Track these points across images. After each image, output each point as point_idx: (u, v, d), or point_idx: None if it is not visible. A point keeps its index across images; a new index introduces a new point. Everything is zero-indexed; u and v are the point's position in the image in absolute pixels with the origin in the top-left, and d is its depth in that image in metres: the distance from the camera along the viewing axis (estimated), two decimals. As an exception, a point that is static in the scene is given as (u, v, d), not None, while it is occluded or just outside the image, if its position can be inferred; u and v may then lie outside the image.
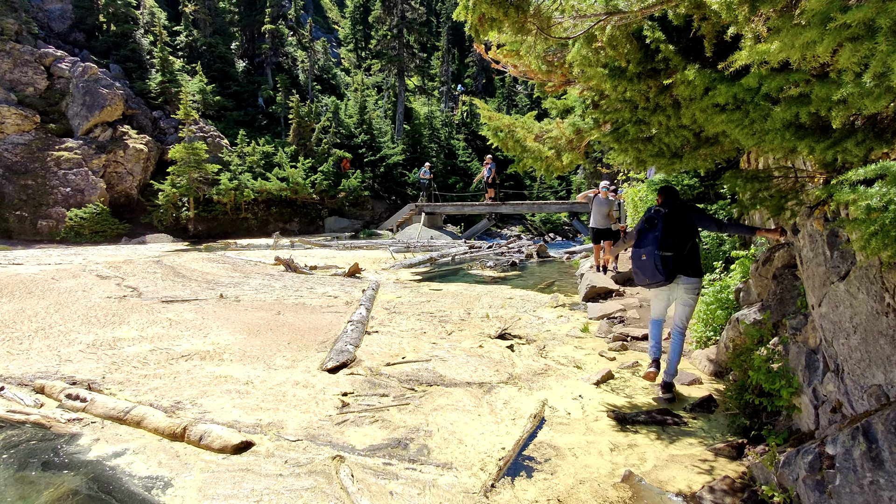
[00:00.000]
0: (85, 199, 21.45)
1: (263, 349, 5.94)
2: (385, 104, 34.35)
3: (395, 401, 4.53)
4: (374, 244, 19.07)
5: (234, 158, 25.01)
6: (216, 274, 11.77)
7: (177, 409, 4.30)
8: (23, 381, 4.99)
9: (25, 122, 22.11)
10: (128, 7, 28.95)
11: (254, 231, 24.32)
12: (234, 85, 30.69)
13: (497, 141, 4.31)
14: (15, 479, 3.40)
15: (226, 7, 34.00)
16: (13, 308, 8.05)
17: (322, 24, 46.79)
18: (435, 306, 8.21)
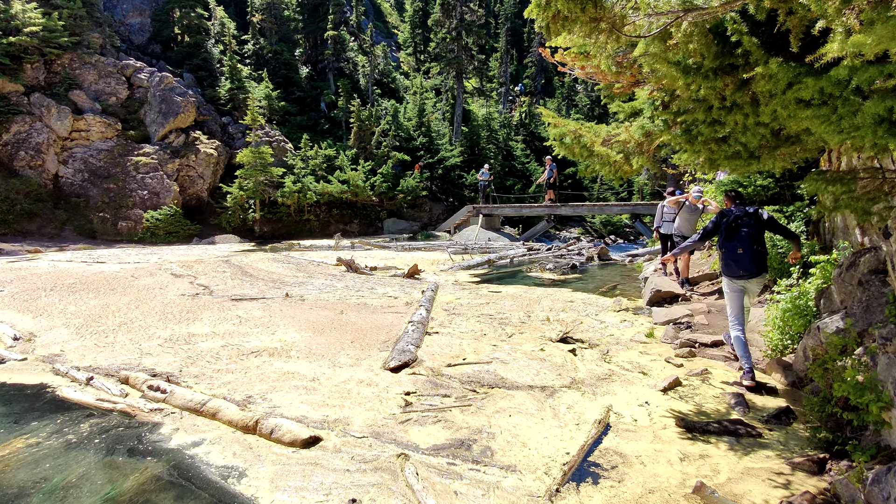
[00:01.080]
0: (160, 202, 22.68)
1: (328, 347, 6.10)
2: (443, 106, 34.58)
3: (457, 402, 4.56)
4: (432, 246, 19.23)
5: (297, 162, 25.83)
6: (281, 273, 12.17)
7: (248, 403, 4.48)
8: (109, 371, 5.34)
9: (108, 129, 23.62)
10: (200, 19, 30.45)
11: (316, 232, 25.00)
12: (298, 90, 31.68)
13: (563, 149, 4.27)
14: (104, 464, 3.63)
15: (290, 15, 35.15)
16: (99, 303, 8.60)
17: (382, 28, 47.63)
18: (494, 308, 8.20)
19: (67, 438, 3.97)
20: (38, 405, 4.63)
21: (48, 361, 5.73)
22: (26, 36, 22.37)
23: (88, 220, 22.13)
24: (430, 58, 37.71)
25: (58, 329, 7.12)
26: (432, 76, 37.66)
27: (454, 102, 32.96)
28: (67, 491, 3.32)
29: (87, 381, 4.97)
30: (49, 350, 6.15)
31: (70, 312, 8.03)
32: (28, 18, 22.84)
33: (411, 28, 42.27)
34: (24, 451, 3.79)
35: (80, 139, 23.18)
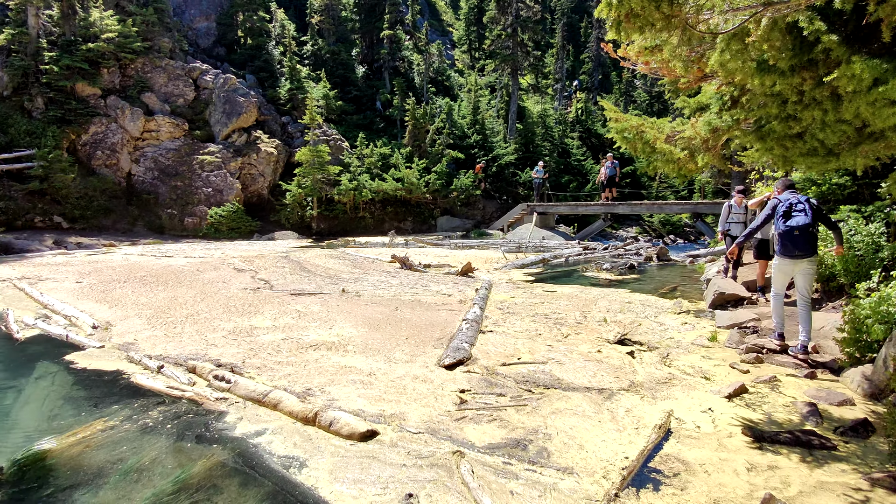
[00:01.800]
0: (223, 199, 23.60)
1: (383, 343, 6.19)
2: (498, 104, 34.42)
3: (512, 401, 4.54)
4: (486, 244, 19.20)
5: (353, 160, 26.32)
6: (338, 270, 12.44)
7: (308, 395, 4.60)
8: (178, 360, 5.60)
9: (176, 129, 24.76)
10: (262, 21, 31.47)
11: (370, 229, 25.42)
12: (355, 90, 32.26)
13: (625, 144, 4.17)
14: (174, 449, 3.81)
15: (348, 16, 35.81)
16: (168, 296, 9.03)
17: (437, 27, 47.84)
18: (549, 308, 8.11)
19: (141, 423, 4.19)
20: (114, 390, 4.92)
21: (123, 349, 6.07)
22: (104, 42, 23.71)
23: (157, 216, 23.28)
24: (484, 55, 37.60)
25: (131, 319, 7.53)
26: (487, 73, 37.56)
27: (509, 99, 32.76)
28: (141, 473, 3.51)
29: (158, 370, 5.24)
30: (124, 339, 6.52)
31: (142, 304, 8.48)
32: (105, 25, 24.21)
33: (466, 25, 42.25)
34: (102, 433, 4.03)
35: (150, 139, 24.41)
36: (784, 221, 5.32)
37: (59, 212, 20.97)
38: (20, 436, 4.10)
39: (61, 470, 3.57)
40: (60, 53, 22.73)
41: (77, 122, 22.81)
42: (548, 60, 41.26)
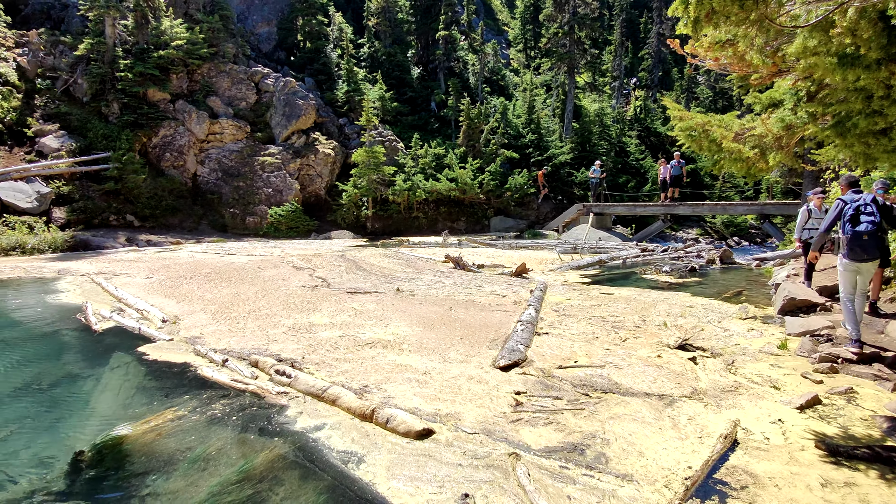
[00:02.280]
0: (283, 199, 24.33)
1: (438, 342, 6.21)
2: (553, 103, 33.98)
3: (568, 405, 4.46)
4: (540, 244, 18.99)
5: (408, 161, 26.58)
6: (392, 269, 12.59)
7: (365, 392, 4.67)
8: (241, 355, 5.80)
9: (239, 132, 25.70)
10: (321, 25, 32.26)
11: (424, 229, 25.60)
12: (410, 91, 32.59)
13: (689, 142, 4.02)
14: (238, 440, 3.95)
15: (404, 17, 36.22)
16: (231, 292, 9.38)
17: (492, 26, 47.68)
18: (606, 311, 7.93)
19: (208, 414, 4.37)
20: (183, 382, 5.14)
21: (190, 343, 6.34)
22: (173, 49, 24.90)
23: (221, 215, 24.24)
24: (540, 54, 37.23)
25: (197, 314, 7.85)
26: (542, 72, 37.17)
27: (565, 98, 32.30)
28: (208, 462, 3.65)
29: (222, 363, 5.44)
30: (191, 332, 6.81)
31: (207, 299, 8.83)
32: (175, 33, 25.42)
33: (522, 24, 41.96)
34: (172, 422, 4.22)
35: (215, 141, 25.43)
36: (852, 226, 5.21)
37: (132, 211, 22.15)
38: (99, 421, 4.35)
39: (136, 455, 3.76)
40: (134, 61, 24.02)
41: (148, 125, 24.04)
42: (605, 58, 40.43)
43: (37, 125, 22.67)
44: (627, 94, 40.59)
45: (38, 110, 23.37)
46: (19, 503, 3.26)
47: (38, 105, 23.52)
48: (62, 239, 17.50)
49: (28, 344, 6.70)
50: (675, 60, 43.14)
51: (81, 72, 24.31)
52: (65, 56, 24.79)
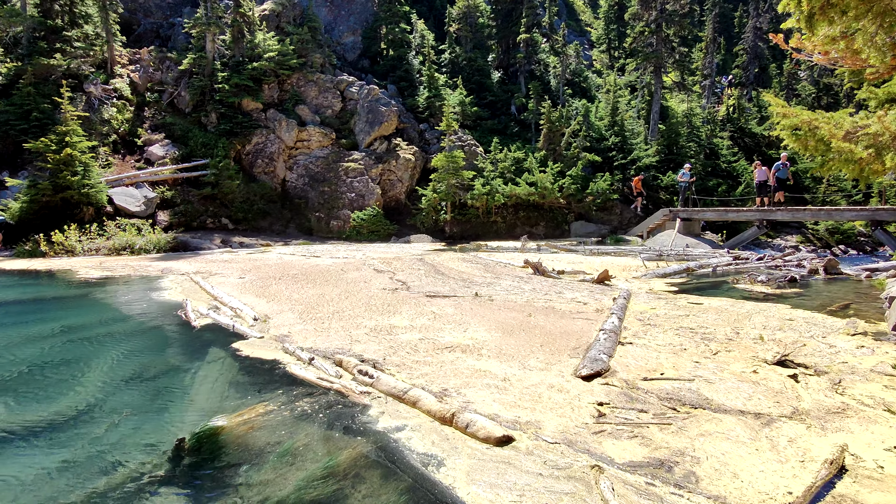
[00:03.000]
0: (365, 203, 25.05)
1: (517, 349, 6.15)
2: (638, 104, 32.88)
3: (654, 418, 4.27)
4: (623, 251, 18.40)
5: (487, 165, 26.59)
6: (470, 273, 12.61)
7: (444, 396, 4.69)
8: (326, 354, 6.00)
9: (325, 139, 26.74)
10: (403, 33, 32.99)
11: (502, 234, 25.50)
12: (490, 95, 32.62)
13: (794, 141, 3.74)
14: (323, 437, 4.08)
15: (485, 22, 36.35)
16: (316, 293, 9.74)
17: (575, 27, 46.89)
18: (695, 321, 7.55)
19: (296, 409, 4.55)
20: (273, 378, 5.39)
21: (279, 340, 6.64)
22: (265, 61, 26.32)
23: (307, 218, 25.29)
24: (625, 54, 36.19)
25: (285, 313, 8.21)
26: (627, 73, 36.08)
27: (650, 99, 31.15)
28: (295, 456, 3.79)
29: (309, 361, 5.65)
30: (280, 331, 7.13)
31: (294, 299, 9.22)
32: (267, 46, 26.87)
33: (605, 24, 40.97)
34: (263, 416, 4.43)
35: (302, 148, 26.60)
36: None
37: (226, 214, 23.57)
38: (197, 412, 4.64)
39: (230, 446, 3.97)
40: (231, 73, 25.59)
41: (242, 134, 25.53)
42: (695, 55, 38.65)
43: (146, 135, 24.66)
44: (720, 92, 38.58)
45: (147, 121, 25.43)
46: (128, 483, 3.53)
47: (147, 116, 25.59)
48: (165, 240, 18.90)
49: (136, 337, 7.28)
50: (773, 56, 40.49)
51: (185, 85, 26.21)
52: (170, 71, 26.83)
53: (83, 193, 18.98)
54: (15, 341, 7.01)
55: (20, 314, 8.97)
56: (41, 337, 7.27)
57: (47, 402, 4.92)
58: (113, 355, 6.37)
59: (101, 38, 25.62)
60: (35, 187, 18.58)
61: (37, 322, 8.22)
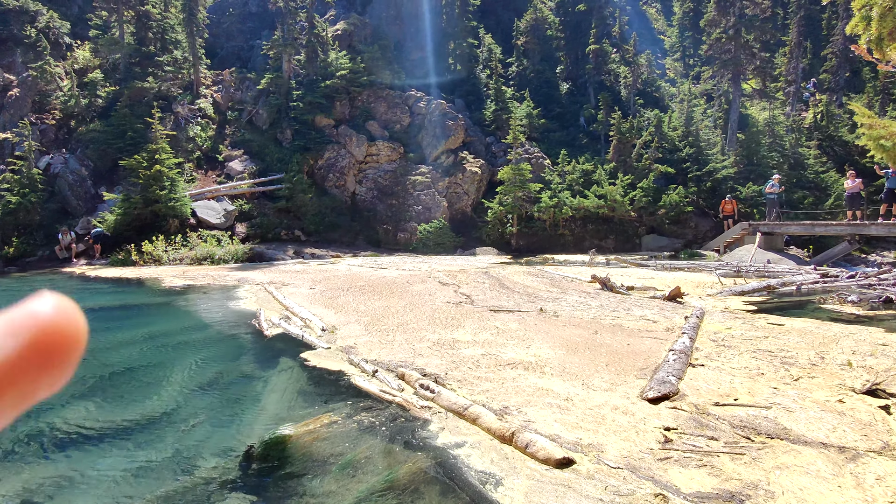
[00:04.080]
0: (431, 216, 25.35)
1: (581, 367, 6.01)
2: (715, 113, 31.58)
3: (726, 447, 4.05)
4: (697, 266, 17.64)
5: (554, 177, 26.30)
6: (535, 287, 12.47)
7: (505, 414, 4.65)
8: (389, 366, 6.09)
9: (393, 153, 27.34)
10: (471, 48, 33.32)
11: (570, 247, 25.07)
12: (558, 107, 32.33)
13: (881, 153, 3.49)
14: (384, 450, 4.14)
15: (553, 34, 36.14)
16: (381, 305, 9.92)
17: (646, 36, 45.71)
18: (775, 344, 7.11)
19: (359, 421, 4.64)
20: (338, 389, 5.53)
21: (345, 352, 6.81)
22: (337, 79, 27.30)
23: (375, 231, 25.88)
24: (700, 61, 34.96)
25: (352, 324, 8.42)
26: (703, 81, 34.78)
27: (728, 108, 29.87)
28: (357, 468, 3.87)
29: (373, 374, 5.76)
30: (346, 342, 7.31)
31: (360, 311, 9.44)
32: (339, 64, 27.87)
33: (679, 31, 39.76)
34: (328, 426, 4.55)
35: (371, 162, 27.30)
36: None
37: (299, 226, 24.49)
38: (267, 420, 4.83)
39: (296, 455, 4.11)
40: (305, 91, 26.73)
41: (315, 149, 26.52)
42: (778, 61, 36.71)
43: (226, 151, 26.12)
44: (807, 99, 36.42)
45: (228, 138, 26.95)
46: (201, 486, 3.72)
47: (228, 133, 27.13)
48: (242, 251, 19.86)
49: (213, 345, 7.67)
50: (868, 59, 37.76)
51: (262, 103, 27.58)
52: (249, 90, 28.34)
53: (170, 207, 20.30)
54: (107, 346, 7.56)
55: (113, 319, 9.67)
56: (129, 342, 7.80)
57: (133, 405, 5.26)
58: (192, 362, 6.75)
59: (188, 61, 27.47)
60: (128, 201, 20.05)
61: (126, 328, 8.84)
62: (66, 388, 4.96)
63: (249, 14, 35.48)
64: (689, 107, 28.84)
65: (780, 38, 37.26)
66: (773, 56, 34.97)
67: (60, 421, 4.82)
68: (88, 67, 27.15)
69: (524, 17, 35.85)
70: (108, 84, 26.08)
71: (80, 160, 23.72)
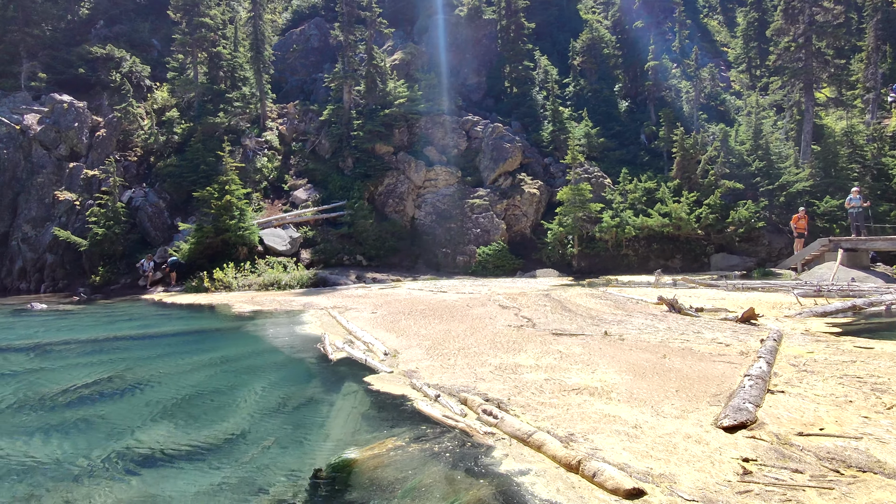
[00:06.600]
0: (490, 239, 25.32)
1: (650, 393, 5.78)
2: (786, 124, 30.18)
3: (812, 480, 3.77)
4: (772, 286, 16.72)
5: (615, 196, 25.78)
6: (599, 310, 12.17)
7: (570, 441, 4.51)
8: (451, 391, 6.06)
9: (451, 177, 27.61)
10: (527, 70, 33.46)
11: (633, 268, 24.37)
12: (617, 125, 31.82)
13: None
14: (447, 476, 4.10)
15: (610, 52, 35.76)
16: (442, 329, 9.93)
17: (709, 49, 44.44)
18: (864, 369, 6.61)
19: (422, 447, 4.63)
20: (401, 413, 5.55)
21: (407, 376, 6.84)
22: (396, 107, 28.02)
23: (434, 254, 26.08)
24: (767, 72, 33.62)
25: (413, 349, 8.46)
26: (771, 92, 33.38)
27: (801, 119, 28.48)
28: (420, 494, 3.84)
29: (435, 398, 5.74)
30: (408, 366, 7.35)
31: (421, 335, 9.48)
32: (398, 93, 28.59)
33: (744, 42, 38.44)
34: (392, 451, 4.56)
35: (430, 187, 27.66)
36: None
37: (360, 251, 25.02)
38: (332, 443, 4.91)
39: (361, 479, 4.13)
40: (365, 120, 27.54)
41: (375, 176, 27.18)
42: (854, 67, 34.80)
43: (291, 180, 27.17)
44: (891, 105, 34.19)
45: (292, 168, 28.07)
46: (270, 508, 3.81)
47: (293, 164, 28.27)
48: (307, 276, 20.47)
49: (281, 369, 7.90)
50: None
51: (324, 133, 28.63)
52: (312, 121, 29.51)
53: (239, 235, 21.25)
54: (181, 370, 7.92)
55: (187, 344, 10.15)
56: (202, 366, 8.15)
57: (206, 427, 5.47)
58: (260, 385, 6.96)
59: (255, 97, 28.95)
60: (200, 230, 21.14)
61: (199, 352, 9.24)
62: (146, 410, 5.22)
63: (312, 49, 37.08)
64: (758, 119, 27.67)
65: (855, 44, 35.36)
66: (848, 62, 33.19)
67: (141, 441, 5.06)
68: (166, 107, 29.11)
69: (580, 37, 35.70)
70: (183, 121, 27.83)
71: (158, 193, 25.33)
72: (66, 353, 9.39)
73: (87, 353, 9.37)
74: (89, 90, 28.55)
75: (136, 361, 8.48)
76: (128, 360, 8.54)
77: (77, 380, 7.27)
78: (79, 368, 8.04)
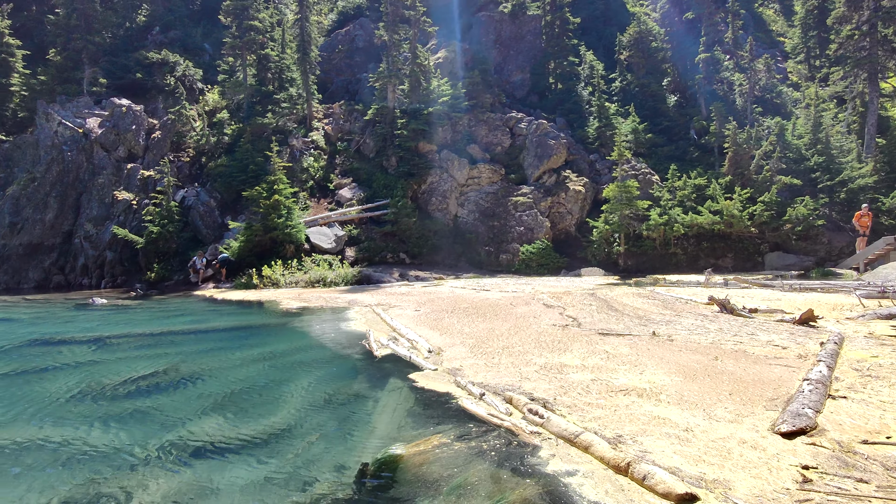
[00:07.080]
0: (533, 237, 25.08)
1: (701, 396, 5.59)
2: (848, 117, 28.74)
3: (879, 491, 3.57)
4: (832, 286, 15.94)
5: (664, 193, 25.13)
6: (646, 310, 11.87)
7: (618, 443, 4.41)
8: (496, 390, 6.02)
9: (494, 175, 27.49)
10: (572, 66, 32.98)
11: (682, 266, 23.70)
12: (665, 120, 30.99)
13: None
14: (492, 475, 4.07)
15: (658, 46, 34.84)
16: (486, 327, 9.89)
17: (764, 39, 42.74)
18: (934, 374, 6.22)
19: (467, 444, 4.62)
20: (446, 411, 5.56)
21: (451, 374, 6.84)
22: (439, 106, 28.04)
23: (477, 252, 26.01)
24: (828, 62, 32.10)
25: (457, 347, 8.46)
26: (832, 83, 31.85)
27: (864, 110, 27.08)
28: (466, 492, 3.83)
29: (480, 396, 5.72)
30: (452, 364, 7.35)
31: (465, 333, 9.46)
32: (441, 91, 28.63)
33: (802, 31, 36.79)
34: (437, 448, 4.57)
35: (473, 185, 27.60)
36: None
37: (404, 249, 25.19)
38: (378, 439, 4.96)
39: (407, 475, 4.16)
40: (408, 119, 27.69)
41: (418, 174, 27.30)
42: (922, 55, 32.85)
43: (336, 179, 27.60)
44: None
45: (338, 167, 28.50)
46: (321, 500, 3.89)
47: (338, 163, 28.70)
48: (351, 274, 20.76)
49: (327, 365, 8.03)
50: None
51: (369, 133, 28.94)
52: (357, 121, 29.89)
53: (286, 233, 21.73)
54: (231, 364, 8.15)
55: (237, 339, 10.45)
56: (251, 360, 8.37)
57: (255, 420, 5.61)
58: (307, 381, 7.09)
59: (302, 97, 29.54)
60: (249, 228, 21.72)
61: (248, 347, 9.50)
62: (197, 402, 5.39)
63: (356, 49, 37.54)
64: (817, 112, 26.45)
65: (924, 31, 33.35)
66: (916, 50, 31.34)
67: (193, 433, 5.23)
68: (217, 108, 30.05)
69: (627, 30, 34.90)
70: (233, 122, 28.68)
71: (209, 192, 26.18)
72: (125, 346, 9.82)
73: (143, 347, 9.77)
74: (146, 94, 29.78)
75: (188, 355, 8.79)
76: (181, 354, 8.86)
77: (134, 372, 7.58)
78: (135, 361, 8.39)
